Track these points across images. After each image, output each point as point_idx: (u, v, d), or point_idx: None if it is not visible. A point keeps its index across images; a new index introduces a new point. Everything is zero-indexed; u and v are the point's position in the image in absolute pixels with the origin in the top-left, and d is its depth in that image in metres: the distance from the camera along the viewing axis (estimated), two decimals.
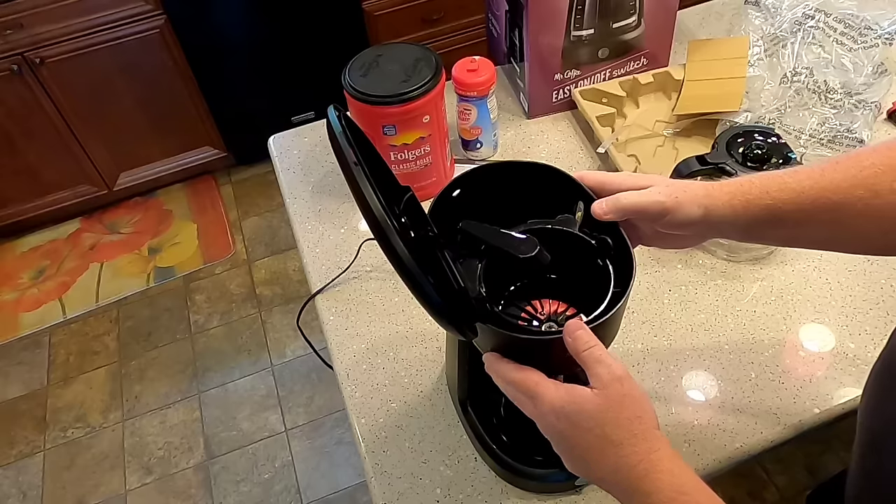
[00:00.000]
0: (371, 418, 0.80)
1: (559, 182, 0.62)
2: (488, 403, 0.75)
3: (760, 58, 1.07)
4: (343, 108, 0.56)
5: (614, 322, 0.57)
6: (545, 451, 0.71)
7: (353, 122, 0.56)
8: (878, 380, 0.51)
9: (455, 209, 0.62)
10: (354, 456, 1.78)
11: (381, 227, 0.49)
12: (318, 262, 0.97)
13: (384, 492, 0.73)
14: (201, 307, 2.18)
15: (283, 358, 2.02)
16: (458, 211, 0.61)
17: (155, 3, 2.00)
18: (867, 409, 0.52)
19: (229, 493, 1.76)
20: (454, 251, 0.60)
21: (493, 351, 0.56)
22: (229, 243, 2.35)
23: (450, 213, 0.61)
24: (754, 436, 0.73)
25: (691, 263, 0.90)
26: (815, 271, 0.87)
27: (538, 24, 0.99)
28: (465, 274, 0.58)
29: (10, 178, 2.24)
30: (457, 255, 0.60)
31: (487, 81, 0.97)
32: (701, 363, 0.80)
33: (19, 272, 2.34)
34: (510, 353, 0.59)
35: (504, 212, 0.62)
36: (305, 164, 1.12)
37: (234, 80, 2.25)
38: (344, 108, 0.56)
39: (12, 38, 1.94)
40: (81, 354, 2.11)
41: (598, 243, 0.60)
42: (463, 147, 1.07)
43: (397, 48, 0.95)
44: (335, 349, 0.87)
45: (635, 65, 1.11)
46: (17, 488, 1.83)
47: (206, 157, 2.45)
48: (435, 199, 0.61)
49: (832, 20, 1.04)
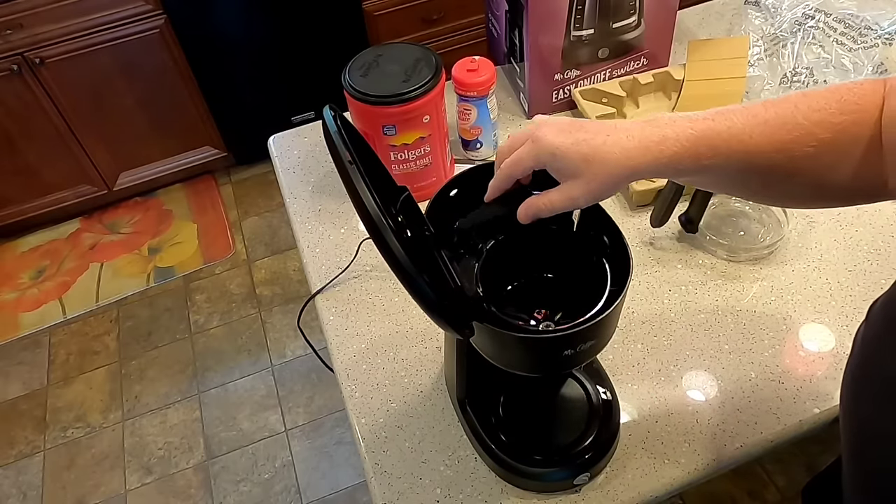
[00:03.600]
0: (371, 418, 0.79)
1: (555, 181, 0.62)
2: (487, 403, 0.75)
3: (760, 58, 1.07)
4: (339, 108, 0.56)
5: (611, 320, 0.57)
6: (544, 450, 0.71)
7: (348, 122, 0.57)
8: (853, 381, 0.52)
9: (452, 209, 0.62)
10: (354, 456, 1.78)
11: (376, 227, 0.49)
12: (318, 262, 0.97)
13: (384, 492, 0.73)
14: (201, 307, 2.18)
15: (283, 358, 2.02)
16: (455, 211, 0.62)
17: (155, 3, 2.00)
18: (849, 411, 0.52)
19: (229, 493, 1.76)
20: (451, 250, 0.60)
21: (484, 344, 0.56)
22: (229, 243, 2.35)
23: (447, 212, 0.61)
24: (754, 436, 0.73)
25: (691, 263, 0.90)
26: (815, 271, 0.87)
27: (538, 24, 0.99)
28: (461, 273, 0.58)
29: (10, 178, 2.24)
30: (454, 255, 0.60)
31: (487, 81, 0.97)
32: (701, 363, 0.80)
33: (19, 272, 2.34)
34: (507, 351, 0.59)
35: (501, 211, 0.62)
36: (305, 164, 1.12)
37: (234, 80, 2.25)
38: (342, 109, 0.56)
39: (12, 38, 1.94)
40: (81, 354, 2.11)
41: (594, 242, 0.60)
42: (463, 147, 1.07)
43: (397, 48, 0.95)
44: (335, 349, 0.87)
45: (635, 65, 1.11)
46: (17, 488, 1.83)
47: (206, 157, 2.46)
48: (432, 199, 0.61)
49: (832, 20, 1.04)
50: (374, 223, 0.49)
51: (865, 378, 0.50)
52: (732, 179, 0.54)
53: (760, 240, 0.91)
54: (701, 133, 0.51)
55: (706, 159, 0.51)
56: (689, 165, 0.52)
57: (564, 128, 0.54)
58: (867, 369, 0.50)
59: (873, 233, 0.91)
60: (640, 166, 0.52)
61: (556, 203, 0.54)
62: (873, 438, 0.48)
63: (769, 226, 0.92)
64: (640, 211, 0.96)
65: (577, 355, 0.57)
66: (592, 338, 0.57)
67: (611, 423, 0.73)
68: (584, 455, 0.70)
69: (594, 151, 0.52)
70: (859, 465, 0.51)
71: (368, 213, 0.49)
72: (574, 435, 0.71)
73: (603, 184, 0.52)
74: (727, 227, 0.92)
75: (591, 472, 0.70)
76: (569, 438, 0.71)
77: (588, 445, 0.70)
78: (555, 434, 0.73)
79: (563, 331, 0.54)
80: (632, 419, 0.76)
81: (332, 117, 0.53)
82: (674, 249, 0.92)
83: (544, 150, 0.53)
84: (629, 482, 0.71)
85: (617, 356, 0.81)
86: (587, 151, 0.52)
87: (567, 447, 0.71)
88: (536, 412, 0.76)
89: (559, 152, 0.53)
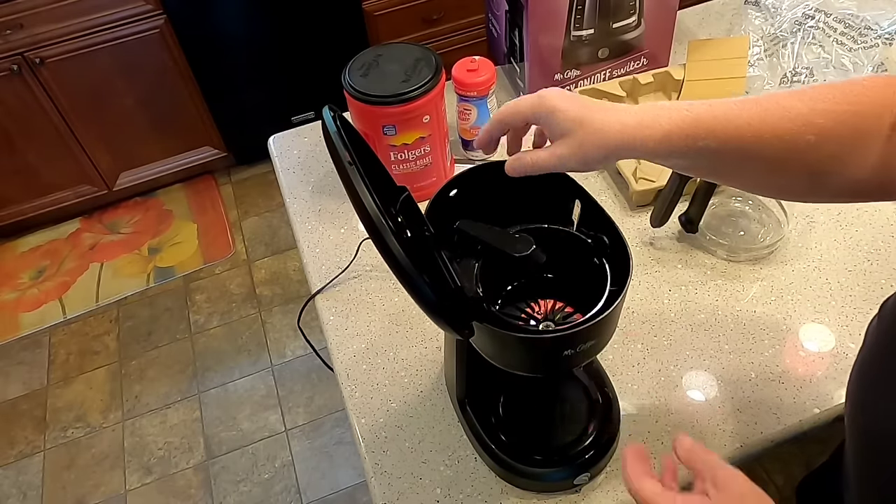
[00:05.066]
0: (371, 418, 0.79)
1: (556, 181, 0.62)
2: (487, 403, 0.75)
3: (760, 58, 1.07)
4: (339, 109, 0.56)
5: (611, 321, 0.57)
6: (544, 450, 0.71)
7: (348, 123, 0.57)
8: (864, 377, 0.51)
9: (452, 209, 0.62)
10: (354, 456, 1.78)
11: (375, 227, 0.49)
12: (318, 262, 0.97)
13: (384, 492, 0.73)
14: (201, 307, 2.18)
15: (283, 358, 2.02)
16: (455, 211, 0.62)
17: (155, 2, 2.00)
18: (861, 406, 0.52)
19: (229, 493, 1.76)
20: (451, 251, 0.60)
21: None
22: (229, 243, 2.35)
23: (447, 213, 0.61)
24: (754, 436, 0.73)
25: (691, 263, 0.90)
26: (815, 271, 0.87)
27: (538, 24, 0.99)
28: (461, 273, 0.58)
29: (10, 178, 2.24)
30: (454, 255, 0.60)
31: (487, 81, 0.97)
32: (701, 363, 0.80)
33: (19, 272, 2.34)
34: (507, 351, 0.59)
35: (501, 211, 0.62)
36: (305, 164, 1.12)
37: (234, 80, 2.25)
38: (343, 109, 0.57)
39: (12, 38, 1.94)
40: (81, 354, 2.11)
41: (594, 242, 0.60)
42: (463, 147, 1.07)
43: (397, 48, 0.95)
44: (335, 349, 0.87)
45: (635, 65, 1.11)
46: (17, 488, 1.83)
47: (206, 157, 2.45)
48: (432, 200, 0.61)
49: (832, 20, 1.04)
50: (374, 224, 0.49)
51: (878, 373, 0.49)
52: (728, 166, 0.54)
53: (760, 240, 0.91)
54: (696, 115, 0.51)
55: (700, 140, 0.51)
56: (681, 146, 0.52)
57: (572, 96, 0.55)
58: (880, 364, 0.49)
59: (873, 233, 0.91)
60: (633, 141, 0.52)
61: (543, 159, 0.55)
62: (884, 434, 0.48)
63: (769, 226, 0.92)
64: (640, 211, 0.96)
65: (577, 355, 0.57)
66: (592, 338, 0.57)
67: (611, 423, 0.73)
68: (585, 455, 0.70)
69: (591, 117, 0.53)
70: (866, 461, 0.51)
71: (368, 214, 0.49)
72: (574, 435, 0.72)
73: (594, 148, 0.53)
74: (727, 227, 0.92)
75: (591, 472, 0.70)
76: (569, 438, 0.71)
77: (588, 445, 0.70)
78: (555, 434, 0.73)
79: (563, 331, 0.54)
80: (632, 419, 0.76)
81: (331, 118, 0.54)
82: (674, 249, 0.92)
83: (545, 105, 0.54)
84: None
85: (617, 356, 0.81)
86: (585, 115, 0.53)
87: (567, 447, 0.71)
88: (536, 412, 0.76)
89: (558, 110, 0.54)
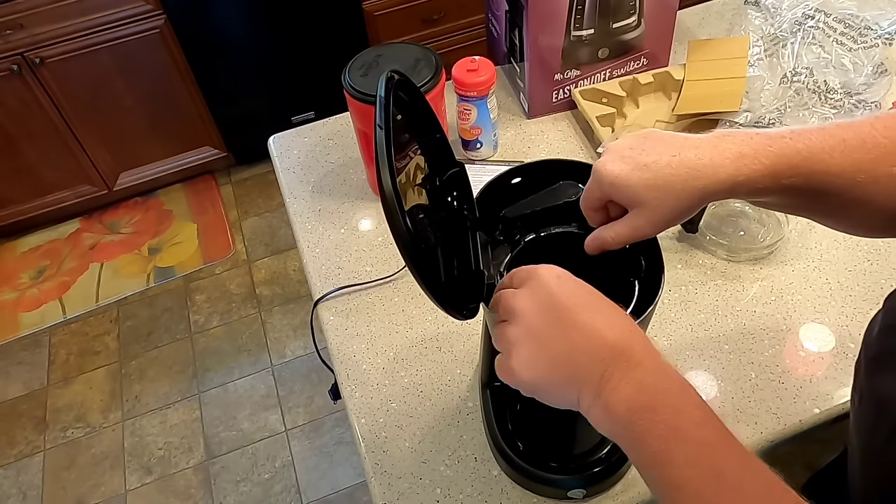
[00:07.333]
0: (371, 418, 0.80)
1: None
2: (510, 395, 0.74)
3: (760, 58, 1.07)
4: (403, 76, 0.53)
5: None
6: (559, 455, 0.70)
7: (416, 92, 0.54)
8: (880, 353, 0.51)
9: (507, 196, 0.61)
10: (354, 456, 1.78)
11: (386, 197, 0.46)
12: (318, 262, 0.97)
13: (384, 492, 0.73)
14: (201, 307, 2.18)
15: (283, 358, 2.02)
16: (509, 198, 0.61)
17: (155, 2, 2.00)
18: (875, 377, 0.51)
19: (229, 493, 1.76)
20: (489, 235, 0.59)
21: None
22: (229, 243, 2.35)
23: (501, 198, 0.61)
24: (754, 436, 0.73)
25: (691, 263, 0.90)
26: (815, 271, 0.87)
27: (538, 24, 0.99)
28: (492, 259, 0.57)
29: (10, 178, 2.24)
30: (492, 240, 0.59)
31: (487, 81, 0.97)
32: (701, 363, 0.80)
33: (19, 272, 2.34)
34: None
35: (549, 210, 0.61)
36: (305, 164, 1.12)
37: (234, 80, 2.25)
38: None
39: (12, 38, 1.94)
40: (81, 354, 2.11)
41: (631, 261, 0.58)
42: (463, 147, 1.07)
43: (397, 48, 0.95)
44: (335, 349, 0.87)
45: (635, 65, 1.11)
46: (17, 488, 1.83)
47: (206, 157, 2.45)
48: (488, 183, 0.61)
49: (832, 20, 1.04)
50: (385, 195, 0.46)
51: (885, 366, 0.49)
52: (809, 201, 0.51)
53: (760, 240, 0.91)
54: (780, 151, 0.48)
55: (785, 178, 0.48)
56: (767, 185, 0.48)
57: (626, 153, 0.51)
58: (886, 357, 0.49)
59: None
60: (710, 187, 0.48)
61: (622, 235, 0.52)
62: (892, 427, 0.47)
63: (769, 226, 0.92)
64: None
65: None
66: None
67: None
68: (594, 468, 0.69)
69: (657, 176, 0.49)
70: (872, 456, 0.51)
71: (381, 182, 0.46)
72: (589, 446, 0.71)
73: (670, 211, 0.49)
74: (727, 227, 0.92)
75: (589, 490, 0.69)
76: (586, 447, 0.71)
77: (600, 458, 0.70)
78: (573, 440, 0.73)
79: None
80: None
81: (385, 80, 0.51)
82: (674, 249, 0.92)
83: (605, 181, 0.50)
84: (630, 481, 0.71)
85: None
86: (649, 177, 0.49)
87: (582, 455, 0.70)
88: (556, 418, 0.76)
89: (619, 181, 0.50)
